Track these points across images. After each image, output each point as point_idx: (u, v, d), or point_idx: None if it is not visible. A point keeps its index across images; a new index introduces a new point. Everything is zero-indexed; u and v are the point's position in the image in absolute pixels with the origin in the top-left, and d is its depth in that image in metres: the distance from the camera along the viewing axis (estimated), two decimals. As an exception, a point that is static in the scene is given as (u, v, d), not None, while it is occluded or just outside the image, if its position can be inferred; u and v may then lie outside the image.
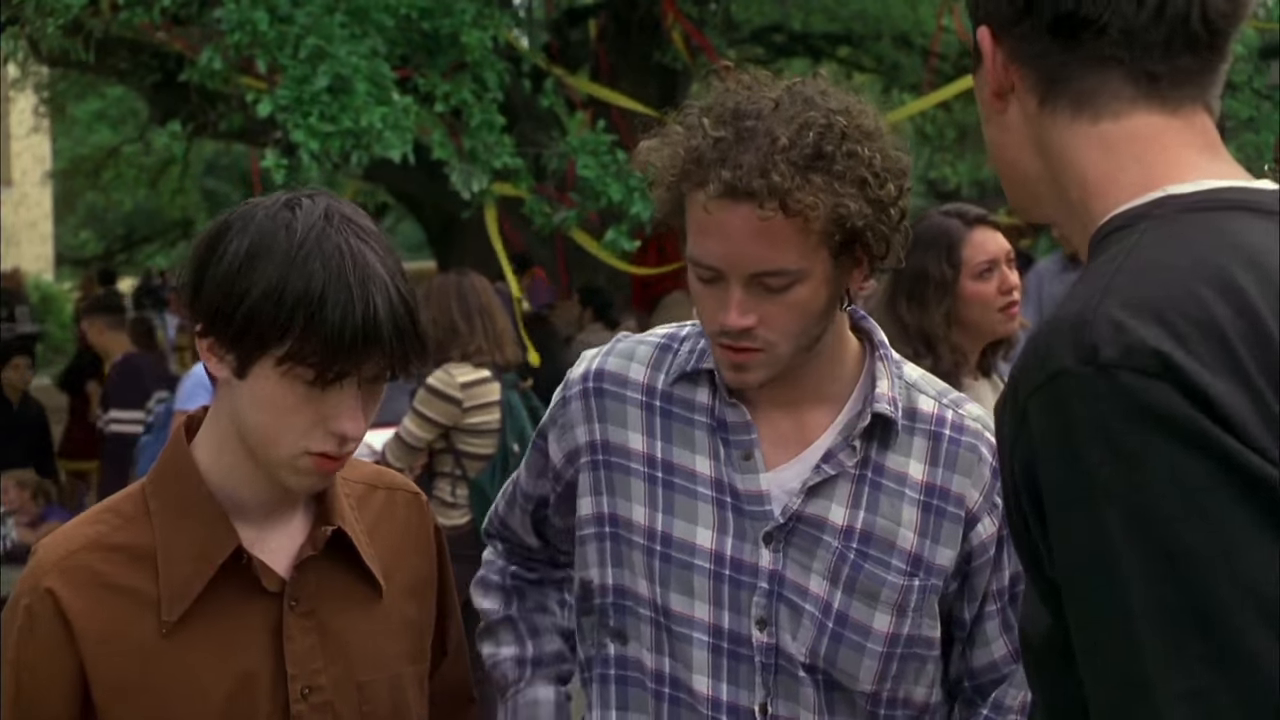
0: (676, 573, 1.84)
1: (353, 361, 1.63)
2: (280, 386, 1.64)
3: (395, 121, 7.33)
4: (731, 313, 1.77)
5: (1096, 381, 1.07)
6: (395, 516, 1.89)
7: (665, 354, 1.95)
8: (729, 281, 1.77)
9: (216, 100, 8.61)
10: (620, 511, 1.89)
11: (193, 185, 19.12)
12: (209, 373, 1.73)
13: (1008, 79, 1.27)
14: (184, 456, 1.75)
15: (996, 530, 1.90)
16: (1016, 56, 1.25)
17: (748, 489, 1.86)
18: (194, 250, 1.71)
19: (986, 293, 3.28)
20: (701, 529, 1.85)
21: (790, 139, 1.73)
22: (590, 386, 1.95)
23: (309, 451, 1.67)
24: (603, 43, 10.82)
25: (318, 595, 1.75)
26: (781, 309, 1.77)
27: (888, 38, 12.66)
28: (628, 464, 1.90)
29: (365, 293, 1.63)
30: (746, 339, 1.79)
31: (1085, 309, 1.11)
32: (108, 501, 1.78)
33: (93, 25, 7.86)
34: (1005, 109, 1.28)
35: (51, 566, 1.68)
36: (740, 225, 1.73)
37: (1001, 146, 1.31)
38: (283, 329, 1.61)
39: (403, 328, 1.66)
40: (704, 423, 1.89)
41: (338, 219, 1.66)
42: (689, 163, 1.77)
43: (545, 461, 2.02)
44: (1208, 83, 1.24)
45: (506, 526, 2.15)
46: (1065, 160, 1.25)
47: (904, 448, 1.89)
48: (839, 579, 1.84)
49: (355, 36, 7.51)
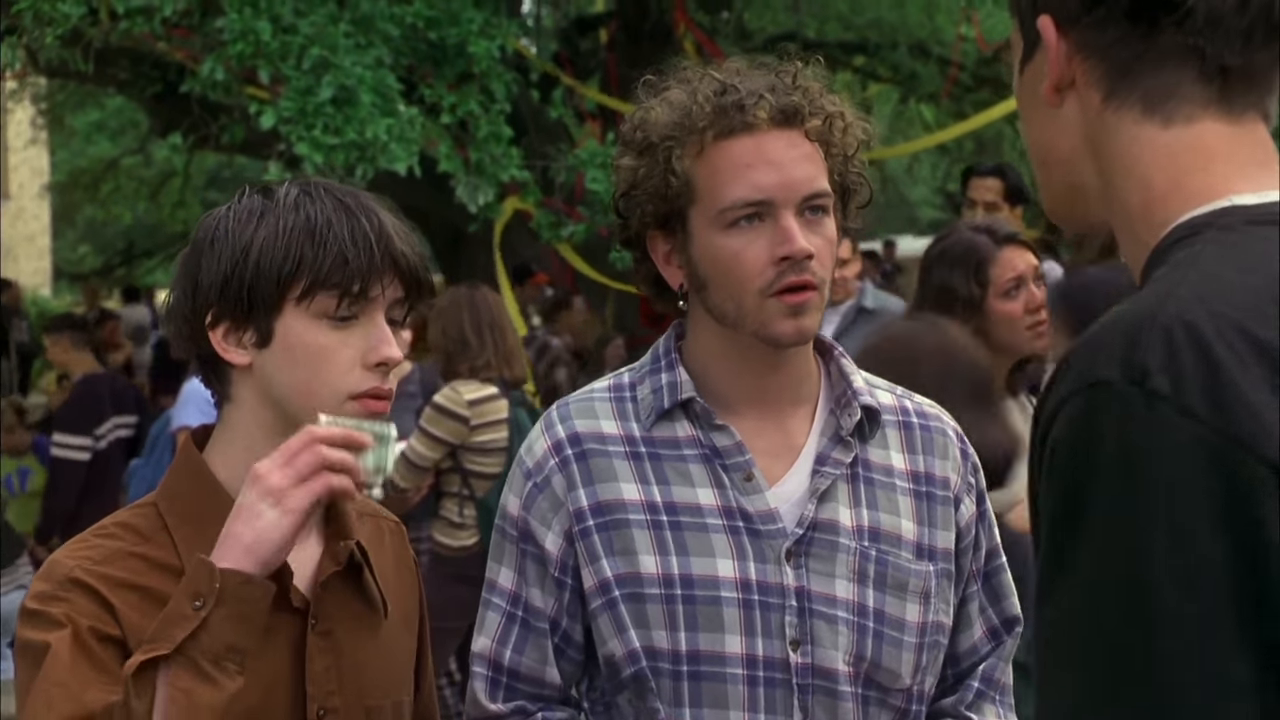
0: (704, 611, 1.83)
1: (372, 274, 1.65)
2: (308, 330, 1.66)
3: (401, 133, 7.34)
4: (795, 238, 1.81)
5: (1137, 404, 1.03)
6: (384, 544, 1.90)
7: (624, 404, 1.94)
8: (779, 213, 1.82)
9: (218, 112, 8.64)
10: (625, 569, 1.86)
11: (194, 199, 19.13)
12: (213, 382, 1.73)
13: (1070, 72, 1.23)
14: (200, 469, 1.74)
15: (975, 509, 1.98)
16: (1084, 47, 1.22)
17: (758, 509, 1.86)
18: (181, 261, 1.73)
19: (1013, 311, 3.30)
20: (721, 560, 1.85)
21: (780, 71, 1.88)
22: (569, 454, 1.91)
23: (353, 395, 1.67)
24: (613, 52, 10.85)
25: (334, 615, 1.76)
26: (823, 242, 1.85)
27: (904, 46, 12.68)
28: (626, 517, 1.87)
29: (366, 211, 1.68)
30: (808, 271, 1.83)
31: (1143, 321, 1.07)
32: (115, 519, 1.75)
33: (92, 34, 7.89)
34: (1060, 104, 1.25)
35: (76, 568, 1.64)
36: (788, 149, 1.83)
37: (1050, 146, 1.28)
38: (295, 262, 1.64)
39: (410, 243, 1.70)
40: (694, 455, 1.89)
41: (315, 187, 1.71)
42: (717, 107, 1.83)
43: (542, 563, 1.90)
44: (1272, 85, 1.22)
45: (518, 675, 1.92)
46: (1128, 163, 1.22)
47: (881, 441, 1.94)
48: (866, 578, 1.86)
49: (360, 47, 7.53)
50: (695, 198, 1.85)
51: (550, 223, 8.50)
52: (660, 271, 1.94)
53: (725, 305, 1.86)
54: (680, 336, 1.97)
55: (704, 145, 1.83)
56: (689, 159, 1.84)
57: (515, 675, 1.91)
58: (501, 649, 1.91)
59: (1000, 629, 2.00)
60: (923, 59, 12.78)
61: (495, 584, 1.93)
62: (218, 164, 18.93)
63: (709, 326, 1.91)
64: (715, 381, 1.91)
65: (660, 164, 1.85)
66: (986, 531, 2.00)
